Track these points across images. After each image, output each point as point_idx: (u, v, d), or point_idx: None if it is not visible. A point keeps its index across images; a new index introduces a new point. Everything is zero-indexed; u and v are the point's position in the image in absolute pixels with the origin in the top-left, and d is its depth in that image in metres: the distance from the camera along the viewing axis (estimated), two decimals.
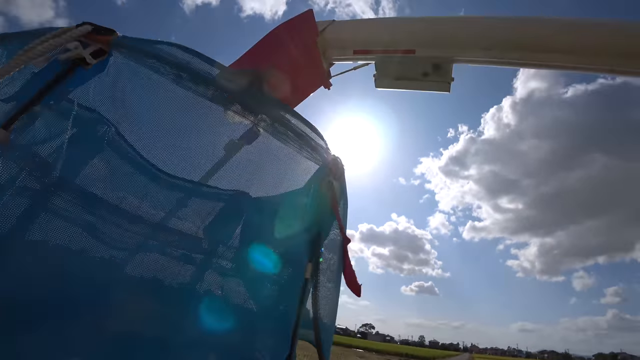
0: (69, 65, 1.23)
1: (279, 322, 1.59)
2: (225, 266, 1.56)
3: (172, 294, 1.40)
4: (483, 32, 2.15)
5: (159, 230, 1.41)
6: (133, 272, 1.32)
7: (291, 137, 1.62)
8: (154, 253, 1.38)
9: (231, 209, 1.57)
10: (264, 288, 1.63)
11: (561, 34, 2.02)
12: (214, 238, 1.55)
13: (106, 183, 1.33)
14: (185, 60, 1.43)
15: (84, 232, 1.23)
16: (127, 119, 1.38)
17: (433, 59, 2.28)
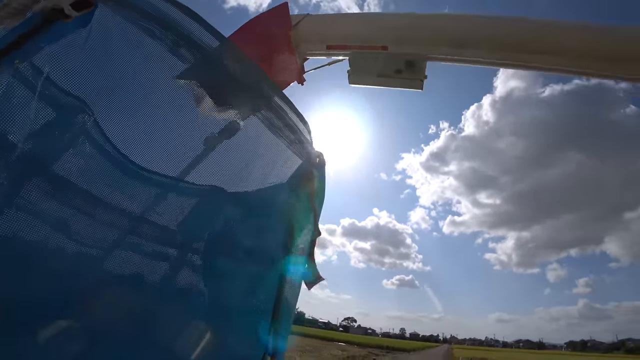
0: (45, 18, 0.98)
1: (256, 315, 1.56)
2: (199, 262, 1.44)
3: (147, 289, 1.27)
4: (455, 30, 2.14)
5: (134, 225, 1.24)
6: (107, 267, 1.17)
7: (285, 130, 1.61)
8: (129, 248, 1.23)
9: (206, 204, 1.44)
10: (240, 282, 1.56)
11: (535, 34, 2.02)
12: (189, 233, 1.42)
13: (78, 175, 1.11)
14: (187, 28, 1.22)
15: (54, 226, 1.04)
16: (107, 94, 1.14)
17: (406, 56, 2.29)
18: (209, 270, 1.44)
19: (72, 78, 1.01)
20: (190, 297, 1.37)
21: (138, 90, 1.21)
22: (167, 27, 1.21)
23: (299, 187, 1.74)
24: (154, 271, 1.28)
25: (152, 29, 1.18)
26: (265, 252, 1.65)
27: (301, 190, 1.74)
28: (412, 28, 2.23)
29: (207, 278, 1.43)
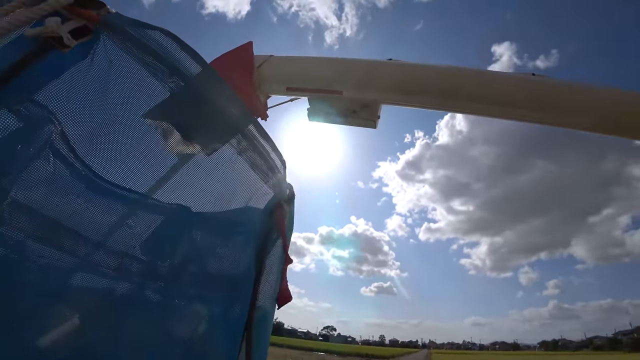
0: (40, 45, 0.87)
1: (226, 338, 1.51)
2: (162, 284, 1.33)
3: (107, 312, 1.12)
4: (404, 79, 2.34)
5: (94, 246, 1.10)
6: (65, 290, 1.02)
7: (263, 167, 1.66)
8: (89, 269, 1.09)
9: (173, 223, 1.34)
10: (206, 305, 1.48)
11: (475, 85, 2.25)
12: (152, 254, 1.29)
13: (41, 193, 0.95)
14: (181, 62, 1.17)
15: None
16: (107, 130, 1.03)
17: (360, 100, 2.48)
18: (174, 291, 1.35)
19: (72, 118, 0.90)
20: (153, 319, 1.27)
21: (136, 128, 1.12)
22: (163, 61, 1.13)
23: (270, 217, 1.78)
24: (117, 291, 1.17)
25: (153, 64, 1.10)
26: (236, 274, 1.59)
27: (272, 220, 1.79)
28: (362, 77, 2.40)
29: (172, 299, 1.35)
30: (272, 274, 1.84)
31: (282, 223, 1.82)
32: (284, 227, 1.84)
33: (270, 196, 1.77)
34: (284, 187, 1.86)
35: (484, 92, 2.24)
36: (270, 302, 1.84)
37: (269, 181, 1.73)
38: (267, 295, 1.79)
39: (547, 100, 2.15)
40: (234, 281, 1.58)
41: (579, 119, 2.16)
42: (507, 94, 2.22)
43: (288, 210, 1.89)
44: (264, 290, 1.75)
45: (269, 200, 1.77)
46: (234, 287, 1.58)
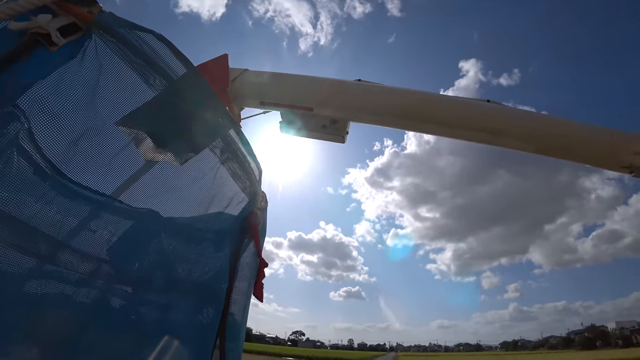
0: (25, 41, 0.79)
1: (198, 347, 1.47)
2: (131, 290, 1.26)
3: (72, 321, 1.04)
4: (370, 100, 2.51)
5: (57, 249, 1.02)
6: (25, 295, 0.94)
7: (242, 175, 1.68)
8: (51, 275, 1.00)
9: (140, 228, 1.28)
10: (177, 311, 1.45)
11: (436, 109, 2.46)
12: (119, 259, 1.22)
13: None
14: (173, 69, 1.12)
15: None
16: (94, 135, 0.96)
17: (329, 117, 2.65)
18: (143, 297, 1.30)
19: (58, 121, 0.82)
20: (121, 326, 1.21)
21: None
22: (153, 64, 1.09)
23: (243, 223, 1.79)
24: (84, 299, 1.08)
25: (141, 67, 1.04)
26: (208, 279, 1.57)
27: (245, 225, 1.80)
28: (332, 97, 2.54)
29: (141, 305, 1.29)
30: (245, 279, 1.84)
31: (255, 229, 1.84)
32: (257, 233, 1.86)
33: (245, 203, 1.77)
34: (259, 194, 1.89)
35: (444, 116, 2.45)
36: (242, 307, 1.84)
37: (245, 189, 1.74)
38: (239, 301, 1.79)
39: (498, 126, 2.40)
40: (207, 287, 1.55)
41: (524, 144, 2.42)
42: (463, 118, 2.44)
43: (261, 216, 1.92)
44: (236, 296, 1.75)
45: (244, 207, 1.77)
46: (206, 292, 1.55)
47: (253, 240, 1.83)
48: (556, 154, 2.42)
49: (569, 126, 2.37)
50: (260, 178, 1.86)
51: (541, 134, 2.37)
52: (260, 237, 1.92)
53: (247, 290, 1.86)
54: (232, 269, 1.70)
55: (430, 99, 2.58)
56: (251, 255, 1.87)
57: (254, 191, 1.81)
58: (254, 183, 1.79)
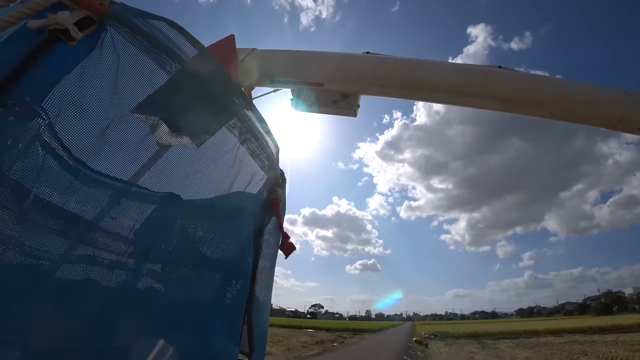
0: (45, 38, 0.82)
1: (226, 318, 1.53)
2: (159, 270, 1.33)
3: (104, 301, 1.11)
4: (380, 72, 2.47)
5: (87, 234, 1.08)
6: (61, 280, 1.00)
7: (261, 153, 1.71)
8: (83, 259, 1.06)
9: (163, 211, 1.32)
10: (205, 291, 1.49)
11: (447, 78, 2.41)
12: (146, 242, 1.28)
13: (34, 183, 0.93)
14: (186, 54, 1.16)
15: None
16: (119, 124, 1.00)
17: (340, 91, 2.65)
18: (172, 278, 1.37)
19: (86, 114, 0.86)
20: (153, 306, 1.28)
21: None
22: (169, 53, 1.10)
23: (265, 201, 1.83)
24: (113, 281, 1.14)
25: (155, 54, 1.07)
26: (234, 257, 1.62)
27: (267, 202, 1.84)
28: (341, 71, 2.53)
29: (171, 285, 1.35)
30: (268, 257, 1.90)
31: (276, 206, 1.88)
32: (279, 210, 1.90)
33: (265, 180, 1.81)
34: (277, 171, 1.92)
35: (455, 84, 2.40)
36: (267, 283, 1.90)
37: (264, 166, 1.77)
38: (264, 277, 1.85)
39: (510, 92, 2.34)
40: (233, 265, 1.61)
41: (538, 110, 2.36)
42: (475, 86, 2.38)
43: (281, 193, 1.96)
44: (261, 273, 1.80)
45: (264, 185, 1.80)
46: (233, 270, 1.61)
47: (274, 217, 1.88)
48: (571, 118, 2.36)
49: (584, 89, 2.30)
50: (278, 155, 1.89)
51: (556, 98, 2.31)
52: (281, 214, 1.96)
53: (271, 267, 1.93)
54: (256, 246, 1.75)
55: (441, 68, 2.53)
56: (273, 232, 1.92)
57: (273, 168, 1.85)
58: (272, 161, 1.82)
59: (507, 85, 2.36)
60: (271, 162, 1.82)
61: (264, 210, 1.84)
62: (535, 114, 2.41)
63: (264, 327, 1.92)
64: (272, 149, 1.82)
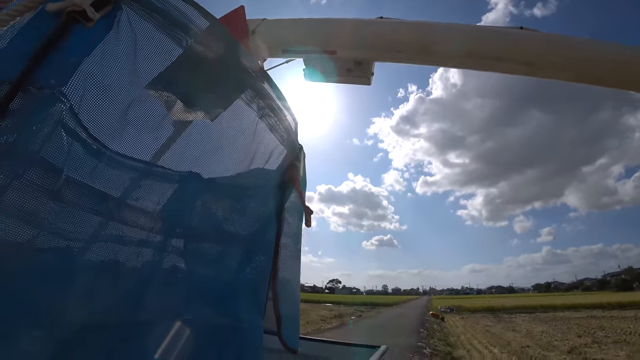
0: (63, 21, 0.83)
1: (249, 296, 1.56)
2: (185, 247, 1.35)
3: (134, 277, 1.16)
4: (394, 38, 2.37)
5: (115, 214, 1.10)
6: (92, 258, 1.04)
7: (279, 127, 1.69)
8: (112, 238, 1.09)
9: (186, 190, 1.34)
10: (229, 267, 1.53)
11: (466, 40, 2.30)
12: (171, 220, 1.31)
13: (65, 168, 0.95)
14: (198, 26, 1.15)
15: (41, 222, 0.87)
16: (140, 104, 1.02)
17: (353, 58, 2.56)
18: (197, 254, 1.40)
19: (108, 96, 0.88)
20: (180, 282, 1.33)
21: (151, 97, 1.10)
22: (183, 27, 1.10)
23: (285, 175, 1.85)
24: (142, 257, 1.18)
25: (172, 31, 1.06)
26: (255, 232, 1.64)
27: (287, 178, 1.85)
28: (354, 37, 2.44)
29: (195, 262, 1.39)
30: (290, 234, 1.92)
31: (296, 181, 1.88)
32: (299, 184, 1.91)
33: (284, 155, 1.81)
34: (296, 146, 1.92)
35: (475, 47, 2.29)
36: (293, 258, 1.95)
37: (284, 141, 1.77)
38: (289, 251, 1.90)
39: (533, 54, 2.21)
40: (256, 241, 1.64)
41: (563, 73, 2.23)
42: (496, 48, 2.27)
43: (301, 168, 1.96)
44: (285, 247, 1.84)
45: (283, 160, 1.81)
46: (256, 246, 1.64)
47: (295, 192, 1.89)
48: (599, 80, 2.21)
49: (613, 48, 2.16)
50: (297, 129, 1.87)
51: (582, 59, 2.17)
52: (302, 188, 1.97)
53: (295, 242, 1.95)
54: (277, 222, 1.78)
55: (460, 30, 2.41)
56: (294, 207, 1.94)
57: (292, 143, 1.84)
58: (291, 135, 1.81)
59: (530, 46, 2.24)
60: (290, 136, 1.81)
61: (284, 185, 1.86)
62: (560, 77, 2.27)
63: (294, 302, 1.98)
64: (291, 122, 1.80)
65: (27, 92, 0.75)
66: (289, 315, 1.84)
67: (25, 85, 0.75)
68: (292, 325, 1.90)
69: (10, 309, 0.79)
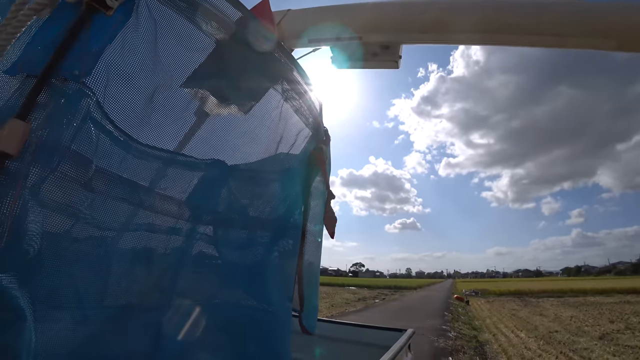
0: (84, 11, 0.83)
1: (279, 278, 1.59)
2: (213, 234, 1.38)
3: (165, 264, 1.19)
4: (420, 17, 2.27)
5: (144, 203, 1.12)
6: (125, 246, 1.06)
7: (305, 110, 1.70)
8: (143, 226, 1.11)
9: (211, 177, 1.34)
10: (258, 249, 1.55)
11: (497, 15, 2.17)
12: (198, 207, 1.32)
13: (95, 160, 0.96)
14: (224, 12, 1.14)
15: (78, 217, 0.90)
16: (164, 92, 1.01)
17: (379, 42, 2.47)
18: (228, 239, 1.42)
19: (130, 83, 0.88)
20: (212, 267, 1.37)
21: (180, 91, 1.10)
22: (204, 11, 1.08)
23: (311, 159, 1.85)
24: (172, 245, 1.21)
25: (192, 16, 1.05)
26: (283, 216, 1.66)
27: (312, 161, 1.85)
28: (378, 21, 2.37)
29: (227, 248, 1.41)
30: (316, 219, 1.94)
31: (322, 163, 1.89)
32: (325, 167, 1.91)
33: (310, 137, 1.81)
34: (322, 129, 1.92)
35: (507, 21, 2.15)
36: (317, 241, 1.98)
37: (309, 124, 1.77)
38: (314, 236, 1.92)
39: (572, 24, 2.05)
40: (283, 225, 1.65)
41: (602, 41, 2.04)
42: (532, 20, 2.11)
43: (326, 151, 1.96)
44: (310, 231, 1.86)
45: (309, 142, 1.81)
46: (284, 230, 1.65)
47: (319, 176, 1.90)
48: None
49: None
50: (321, 112, 1.87)
51: (625, 25, 1.98)
52: (327, 172, 1.99)
53: (319, 226, 1.98)
54: (304, 207, 1.80)
55: (491, 3, 2.29)
56: (317, 191, 1.95)
57: (317, 126, 1.84)
58: (316, 117, 1.81)
59: (567, 15, 2.09)
60: (315, 118, 1.81)
61: (310, 168, 1.86)
62: (600, 46, 2.10)
63: (315, 285, 2.01)
64: (316, 104, 1.79)
65: (53, 84, 0.75)
66: (310, 298, 1.86)
67: (51, 77, 0.75)
68: (312, 308, 1.93)
69: (60, 293, 0.82)
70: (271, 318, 1.49)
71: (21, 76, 0.76)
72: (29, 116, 0.70)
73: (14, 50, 0.80)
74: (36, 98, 0.72)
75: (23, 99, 0.71)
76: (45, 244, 0.76)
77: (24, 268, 0.70)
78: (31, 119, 0.71)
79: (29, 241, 0.70)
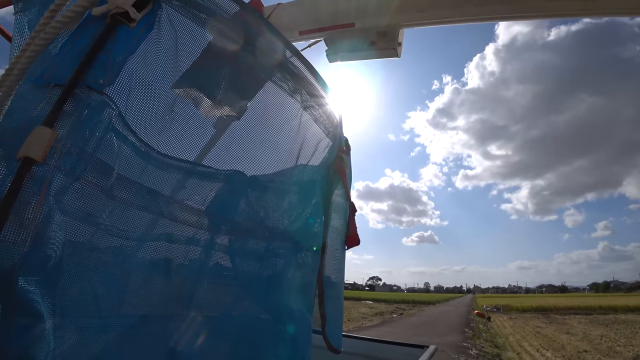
0: (109, 24, 0.86)
1: (299, 293, 1.56)
2: (231, 245, 1.36)
3: (183, 274, 1.19)
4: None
5: (164, 213, 1.12)
6: (146, 256, 1.06)
7: (325, 119, 1.67)
8: (162, 237, 1.10)
9: (230, 187, 1.34)
10: (277, 260, 1.52)
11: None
12: (217, 217, 1.32)
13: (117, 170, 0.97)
14: (242, 23, 1.15)
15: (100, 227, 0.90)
16: (186, 103, 1.03)
17: (375, 28, 2.31)
18: (248, 249, 1.41)
19: (153, 93, 0.90)
20: (231, 278, 1.35)
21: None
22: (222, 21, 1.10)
23: (332, 170, 1.81)
24: (190, 255, 1.20)
25: (212, 26, 1.07)
26: (304, 228, 1.63)
27: (333, 172, 1.81)
28: (367, 2, 2.25)
29: (247, 257, 1.39)
30: (336, 231, 1.89)
31: (343, 173, 1.84)
32: (346, 177, 1.86)
33: (330, 147, 1.78)
34: (342, 138, 1.88)
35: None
36: (339, 253, 1.93)
37: (329, 133, 1.74)
38: (335, 248, 1.87)
39: None
40: (304, 235, 1.63)
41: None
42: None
43: (347, 160, 1.92)
44: (330, 244, 1.81)
45: (329, 152, 1.78)
46: (304, 241, 1.63)
47: (341, 185, 1.85)
48: None
49: None
50: (341, 121, 1.83)
51: None
52: (348, 182, 1.93)
53: (340, 239, 1.92)
54: (325, 218, 1.76)
55: None
56: (340, 201, 1.90)
57: (337, 135, 1.80)
58: (336, 126, 1.77)
59: None
60: (335, 128, 1.77)
61: (330, 179, 1.82)
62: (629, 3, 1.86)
63: (338, 300, 1.95)
64: (335, 114, 1.77)
65: (78, 94, 0.77)
66: (333, 313, 1.81)
67: (77, 87, 0.77)
68: (336, 323, 1.87)
69: (79, 301, 0.83)
70: (289, 332, 1.46)
71: (48, 86, 0.78)
72: (55, 124, 0.72)
73: (42, 60, 0.83)
74: (62, 107, 0.74)
75: (50, 107, 0.73)
76: (66, 250, 0.76)
77: (46, 274, 0.71)
78: (57, 127, 0.73)
79: (51, 247, 0.70)
